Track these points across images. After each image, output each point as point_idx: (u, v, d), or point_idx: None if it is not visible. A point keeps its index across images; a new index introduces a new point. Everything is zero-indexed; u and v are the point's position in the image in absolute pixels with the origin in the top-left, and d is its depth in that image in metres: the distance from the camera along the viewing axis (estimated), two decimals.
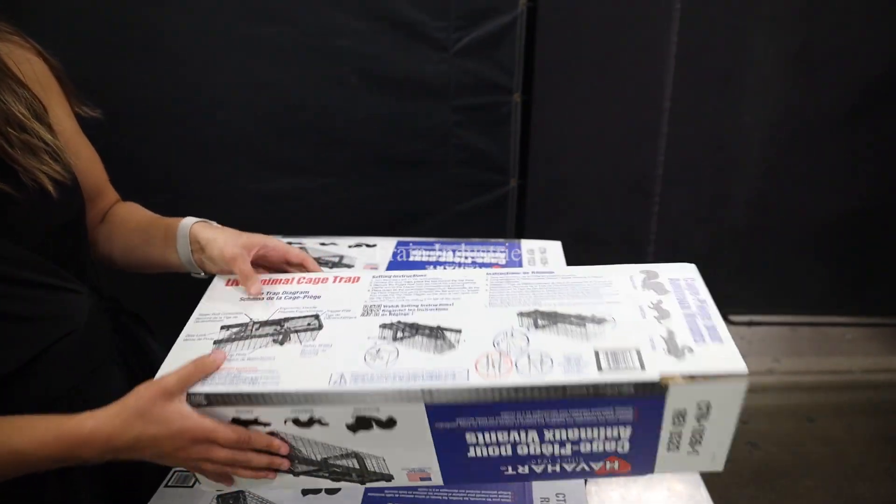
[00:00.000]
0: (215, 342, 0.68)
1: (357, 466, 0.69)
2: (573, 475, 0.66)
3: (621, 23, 1.89)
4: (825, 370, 2.57)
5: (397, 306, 0.70)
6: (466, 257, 0.92)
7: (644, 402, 0.61)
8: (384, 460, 0.67)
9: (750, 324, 2.57)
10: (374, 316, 0.70)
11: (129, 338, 0.86)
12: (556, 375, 0.60)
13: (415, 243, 0.97)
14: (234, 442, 0.62)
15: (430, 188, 1.72)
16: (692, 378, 0.60)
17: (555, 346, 0.63)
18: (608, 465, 0.66)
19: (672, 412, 0.62)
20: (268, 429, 0.66)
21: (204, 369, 0.63)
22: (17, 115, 0.68)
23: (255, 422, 0.65)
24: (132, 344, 0.86)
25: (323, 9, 1.47)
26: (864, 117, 2.07)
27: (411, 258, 0.92)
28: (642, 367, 0.61)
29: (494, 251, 0.94)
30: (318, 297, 0.73)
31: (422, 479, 0.68)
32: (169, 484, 0.78)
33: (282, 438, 0.66)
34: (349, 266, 0.90)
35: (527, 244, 0.97)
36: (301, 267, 0.77)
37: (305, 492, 0.75)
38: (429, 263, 0.90)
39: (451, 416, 0.62)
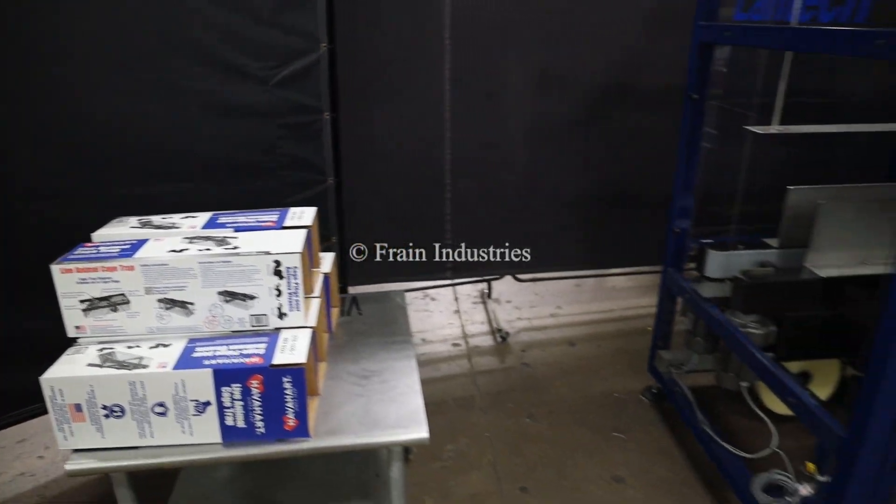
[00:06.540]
0: None
1: None
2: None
3: (404, 55, 2.34)
4: (594, 311, 3.11)
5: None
6: (253, 219, 1.46)
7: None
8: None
9: (534, 280, 3.06)
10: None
11: None
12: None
13: (223, 214, 1.51)
14: None
15: (265, 188, 2.07)
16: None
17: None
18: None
19: None
20: None
21: None
22: None
23: None
24: None
25: (176, 58, 1.84)
26: (592, 122, 2.52)
27: (219, 221, 1.46)
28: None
29: (270, 215, 1.50)
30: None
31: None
32: None
33: None
34: (178, 228, 1.43)
35: (292, 210, 1.51)
36: None
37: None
38: (231, 224, 1.44)
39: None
